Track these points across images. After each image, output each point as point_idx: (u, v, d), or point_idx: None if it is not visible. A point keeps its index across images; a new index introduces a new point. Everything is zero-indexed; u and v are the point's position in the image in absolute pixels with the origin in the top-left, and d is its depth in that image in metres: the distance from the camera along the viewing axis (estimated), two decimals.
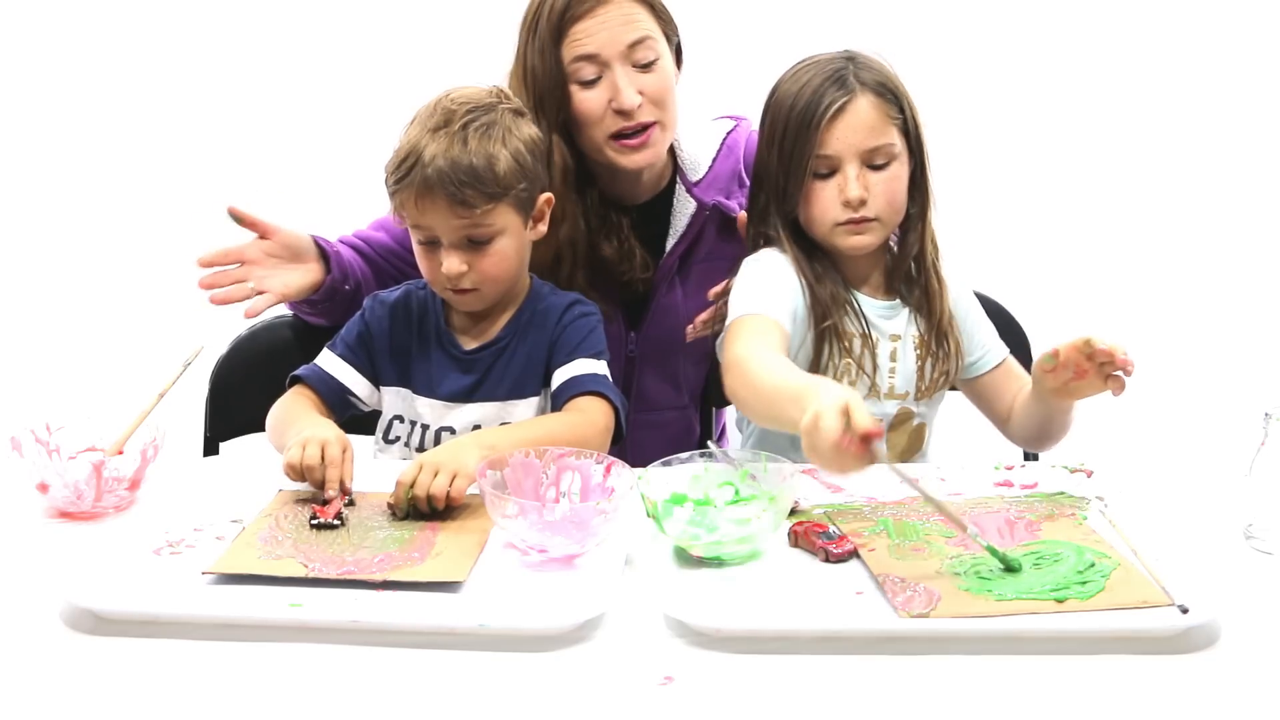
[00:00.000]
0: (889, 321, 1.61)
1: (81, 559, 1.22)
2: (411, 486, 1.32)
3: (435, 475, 1.32)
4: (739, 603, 1.15)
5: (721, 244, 1.80)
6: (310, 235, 1.70)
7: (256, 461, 1.54)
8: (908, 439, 1.66)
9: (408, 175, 1.46)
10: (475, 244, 1.50)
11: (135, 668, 1.05)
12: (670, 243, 1.80)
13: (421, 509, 1.32)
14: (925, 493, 1.20)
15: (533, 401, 1.57)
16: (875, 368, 1.59)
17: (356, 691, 1.02)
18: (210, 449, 1.79)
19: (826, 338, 1.56)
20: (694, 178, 1.80)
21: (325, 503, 1.33)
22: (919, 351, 1.62)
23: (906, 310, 1.63)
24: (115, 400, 1.51)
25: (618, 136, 1.67)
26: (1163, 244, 2.92)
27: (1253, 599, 1.16)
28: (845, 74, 1.52)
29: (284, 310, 1.78)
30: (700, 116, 1.86)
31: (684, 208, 1.79)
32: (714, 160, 1.81)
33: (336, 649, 1.07)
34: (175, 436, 1.46)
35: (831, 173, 1.52)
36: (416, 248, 1.54)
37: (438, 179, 1.45)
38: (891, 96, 1.53)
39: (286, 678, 1.04)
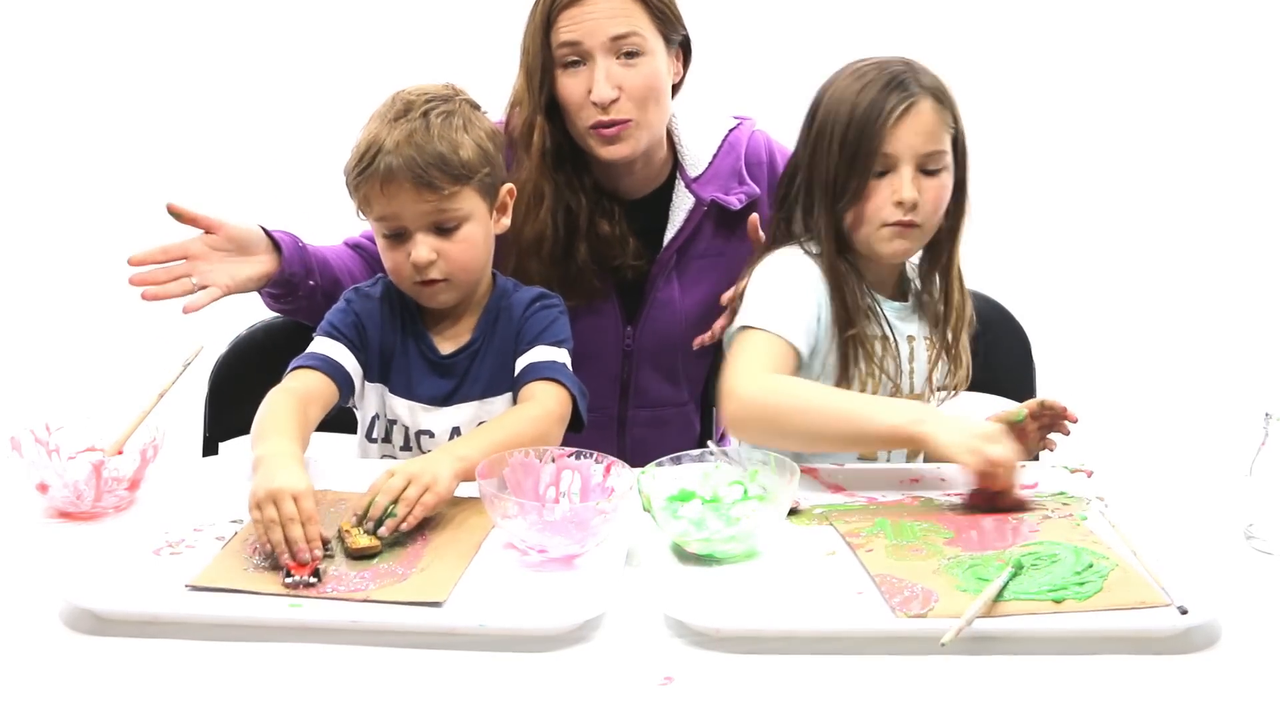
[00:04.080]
0: (904, 323, 1.63)
1: (81, 559, 1.22)
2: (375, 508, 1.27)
3: (407, 485, 1.28)
4: (739, 603, 1.15)
5: (719, 240, 1.81)
6: (260, 226, 1.66)
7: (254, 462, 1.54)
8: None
9: (370, 165, 1.46)
10: (443, 231, 1.49)
11: (135, 668, 1.05)
12: (668, 236, 1.80)
13: (393, 529, 1.25)
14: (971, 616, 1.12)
15: (507, 397, 1.56)
16: (898, 370, 1.60)
17: (356, 692, 1.02)
18: (210, 449, 1.79)
19: (851, 345, 1.57)
20: (693, 173, 1.80)
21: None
22: (929, 354, 1.64)
23: (918, 312, 1.65)
24: (115, 400, 1.51)
25: (596, 126, 1.68)
26: (1163, 245, 2.92)
27: (1253, 599, 1.16)
28: (907, 78, 1.53)
29: None
30: (703, 113, 1.86)
31: (682, 202, 1.80)
32: (715, 156, 1.81)
33: (336, 649, 1.07)
34: (175, 436, 1.46)
35: (886, 172, 1.53)
36: (381, 242, 1.52)
37: (403, 164, 1.44)
38: (948, 106, 1.55)
39: (286, 678, 1.04)
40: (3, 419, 1.43)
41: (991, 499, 1.36)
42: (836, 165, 1.54)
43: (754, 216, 1.77)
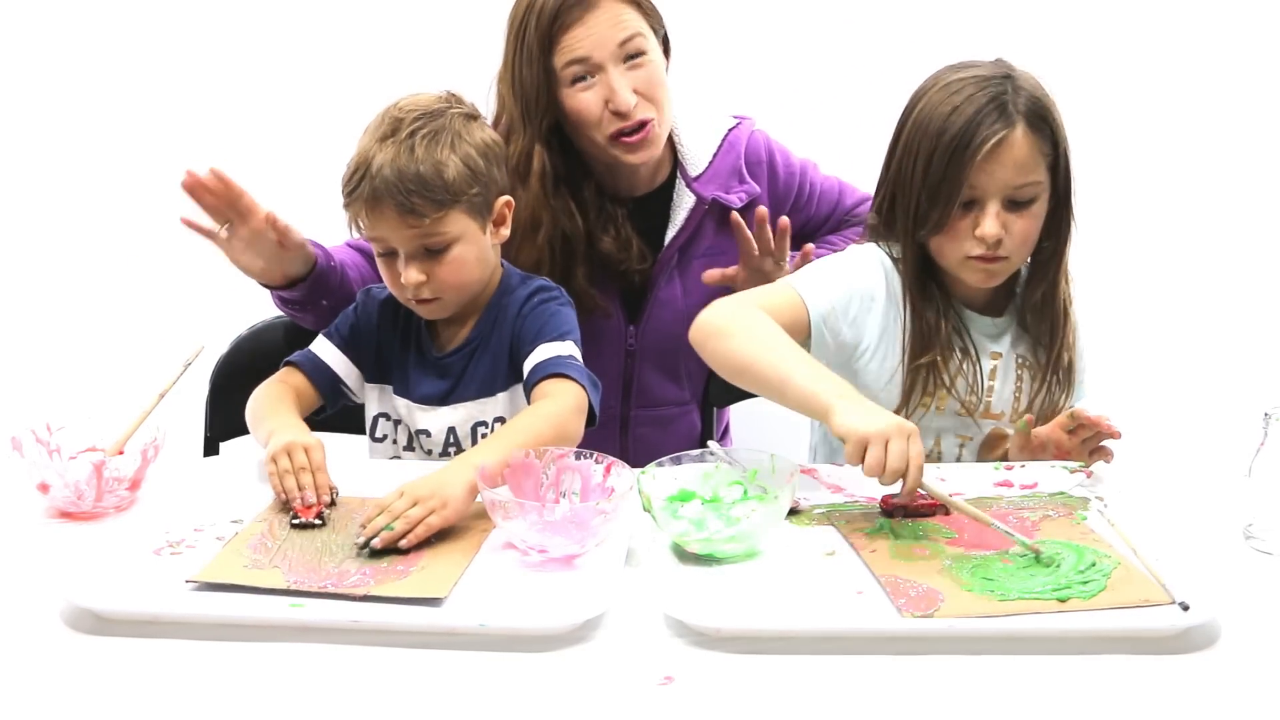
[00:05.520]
0: (991, 340, 1.58)
1: (81, 559, 1.22)
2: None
3: (414, 506, 1.25)
4: (739, 602, 1.15)
5: (721, 238, 1.81)
6: (319, 261, 1.65)
7: (256, 461, 1.54)
8: (995, 460, 1.62)
9: (358, 187, 1.46)
10: (432, 253, 1.48)
11: (135, 668, 1.05)
12: (670, 235, 1.81)
13: (388, 542, 1.23)
14: (960, 506, 1.18)
15: (500, 398, 1.55)
16: (969, 387, 1.56)
17: (357, 692, 1.02)
18: (210, 449, 1.79)
19: (921, 373, 1.53)
20: (694, 172, 1.81)
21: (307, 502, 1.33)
22: (1019, 374, 1.59)
23: (1011, 331, 1.59)
24: (115, 400, 1.51)
25: (618, 135, 1.68)
26: (1161, 244, 2.92)
27: (1253, 599, 1.16)
28: (1005, 100, 1.45)
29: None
30: (702, 112, 1.87)
31: (683, 201, 1.81)
32: (714, 156, 1.82)
33: (336, 649, 1.07)
34: (175, 436, 1.46)
35: (971, 203, 1.47)
36: (378, 259, 1.53)
37: (385, 189, 1.44)
38: (1047, 129, 1.47)
39: (286, 678, 1.04)
40: (3, 419, 1.43)
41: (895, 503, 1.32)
42: (919, 192, 1.48)
43: (734, 215, 1.76)
